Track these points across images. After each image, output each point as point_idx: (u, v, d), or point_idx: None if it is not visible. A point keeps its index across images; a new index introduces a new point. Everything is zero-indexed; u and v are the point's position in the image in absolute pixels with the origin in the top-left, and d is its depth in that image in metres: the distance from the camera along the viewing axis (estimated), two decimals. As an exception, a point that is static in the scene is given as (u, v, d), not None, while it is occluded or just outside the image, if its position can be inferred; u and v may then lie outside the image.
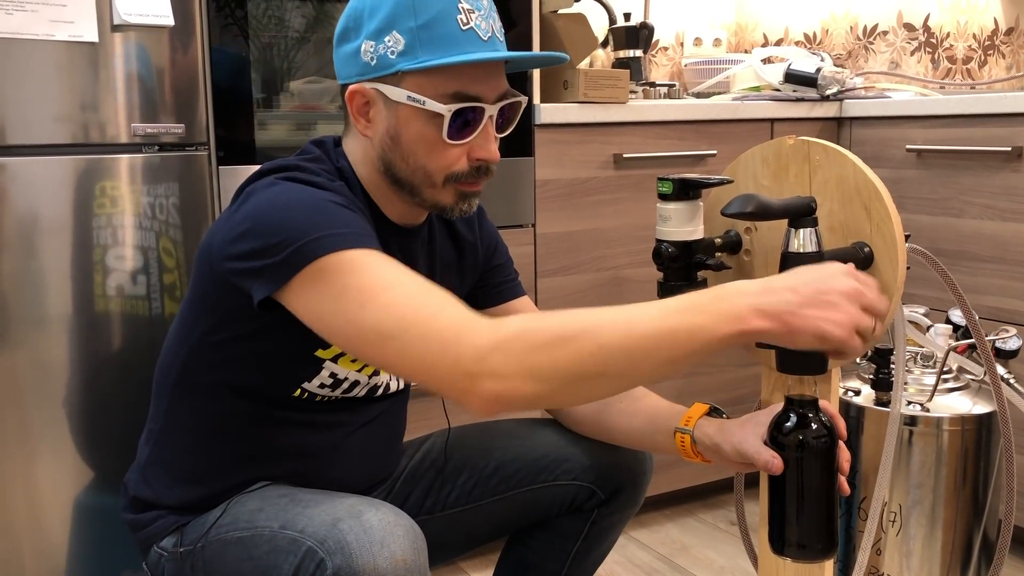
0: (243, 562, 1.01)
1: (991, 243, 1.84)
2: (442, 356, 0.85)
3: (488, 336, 0.85)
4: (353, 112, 1.05)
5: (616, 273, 1.96)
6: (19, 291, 1.39)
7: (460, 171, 1.04)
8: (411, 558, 0.92)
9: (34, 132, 1.38)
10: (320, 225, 0.92)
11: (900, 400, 1.28)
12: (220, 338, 1.06)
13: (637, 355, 0.85)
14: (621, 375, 0.87)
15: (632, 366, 0.86)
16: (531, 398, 0.85)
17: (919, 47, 2.44)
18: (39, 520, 1.45)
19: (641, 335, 0.85)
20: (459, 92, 1.00)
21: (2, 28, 1.33)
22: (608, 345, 0.85)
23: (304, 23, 1.58)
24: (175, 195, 1.49)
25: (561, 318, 0.87)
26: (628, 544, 2.02)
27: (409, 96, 1.00)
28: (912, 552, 1.47)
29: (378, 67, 1.01)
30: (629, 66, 2.26)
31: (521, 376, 0.84)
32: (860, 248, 1.07)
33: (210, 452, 1.10)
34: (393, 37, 1.00)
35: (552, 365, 0.84)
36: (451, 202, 1.06)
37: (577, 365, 0.85)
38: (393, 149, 1.04)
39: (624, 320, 0.86)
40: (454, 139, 1.02)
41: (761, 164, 1.15)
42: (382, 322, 0.87)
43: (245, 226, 0.95)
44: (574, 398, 0.91)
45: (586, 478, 1.24)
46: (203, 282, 1.06)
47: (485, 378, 0.84)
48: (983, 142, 1.84)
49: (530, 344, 0.85)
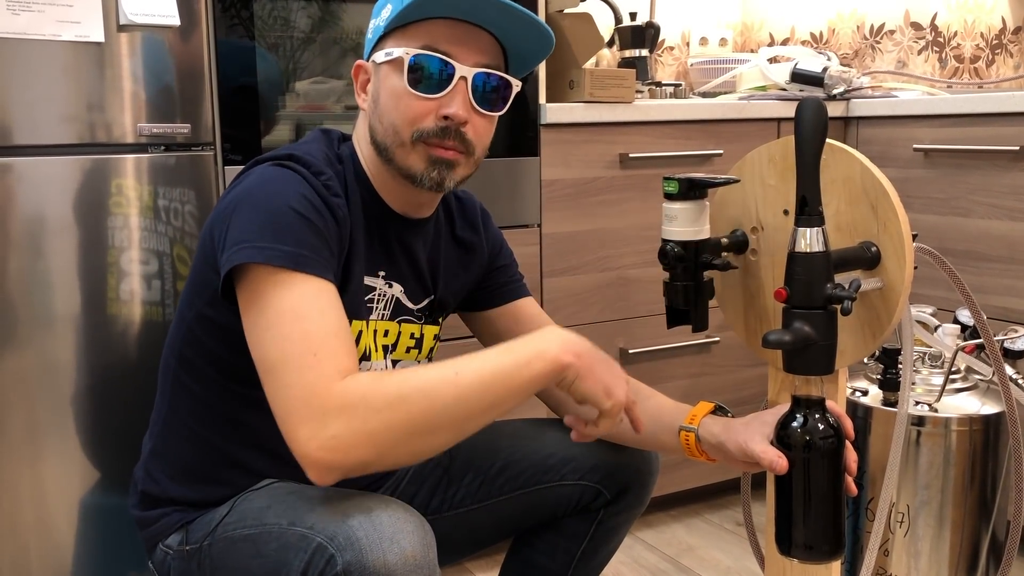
0: (251, 559, 1.00)
1: (999, 243, 1.84)
2: (294, 413, 0.89)
3: (335, 400, 0.88)
4: (357, 90, 1.11)
5: (622, 273, 1.95)
6: (26, 291, 1.39)
7: (427, 128, 1.04)
8: (421, 554, 0.92)
9: (40, 132, 1.38)
10: (278, 236, 0.96)
11: (908, 400, 1.28)
12: (209, 318, 1.07)
13: (467, 406, 0.91)
14: (454, 427, 0.91)
15: (464, 416, 0.91)
16: (368, 462, 0.89)
17: (926, 46, 2.43)
18: (46, 519, 1.45)
19: (468, 386, 0.90)
20: (428, 45, 1.03)
21: (9, 28, 1.33)
22: (441, 399, 0.90)
23: (310, 23, 1.58)
24: (181, 195, 1.49)
25: (399, 377, 0.91)
26: (634, 544, 2.02)
27: (385, 52, 1.05)
28: (920, 553, 1.47)
29: (373, 39, 1.08)
30: (635, 66, 2.25)
31: (361, 445, 0.88)
32: (867, 247, 1.06)
33: (209, 439, 1.10)
34: (387, 9, 1.06)
35: (389, 424, 0.88)
36: (421, 168, 1.06)
37: (413, 421, 0.89)
38: (374, 112, 1.08)
39: (452, 373, 0.91)
40: (415, 89, 1.03)
41: (768, 163, 1.15)
42: (269, 353, 0.92)
43: (231, 206, 1.00)
44: (407, 456, 0.92)
45: (592, 478, 1.24)
46: (198, 266, 1.09)
47: (323, 450, 0.87)
48: (990, 141, 1.83)
49: (371, 408, 0.88)
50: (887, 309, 1.06)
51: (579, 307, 1.91)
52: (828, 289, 0.98)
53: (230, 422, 1.10)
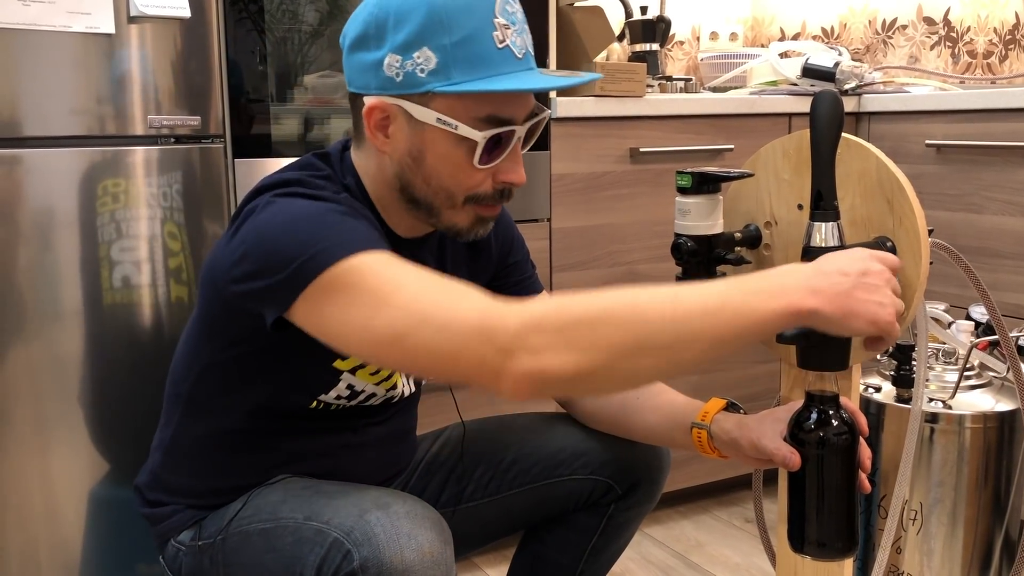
0: (265, 554, 1.00)
1: (1012, 239, 1.82)
2: (467, 340, 0.80)
3: (518, 314, 0.79)
4: (370, 127, 0.99)
5: (632, 268, 1.94)
6: (35, 284, 1.39)
7: (483, 193, 1.00)
8: (438, 550, 0.91)
9: (50, 124, 1.38)
10: (322, 236, 0.88)
11: (921, 397, 1.27)
12: (231, 358, 1.04)
13: (683, 331, 0.80)
14: (667, 353, 0.80)
15: (678, 342, 0.80)
16: (571, 375, 0.78)
17: (939, 41, 2.41)
18: (54, 512, 1.45)
19: (687, 311, 0.80)
20: (492, 116, 0.96)
21: (19, 19, 1.32)
22: (652, 319, 0.79)
23: (318, 17, 1.57)
24: (191, 187, 1.49)
25: (600, 294, 0.81)
26: (643, 541, 2.01)
27: (439, 119, 0.95)
28: (933, 551, 1.46)
29: (405, 84, 0.95)
30: (645, 60, 2.25)
31: (558, 349, 0.78)
32: (882, 242, 1.05)
33: (222, 462, 1.10)
34: (424, 54, 0.94)
35: (592, 338, 0.78)
36: (467, 225, 1.02)
37: (620, 339, 0.78)
38: (414, 170, 0.99)
39: (670, 295, 0.81)
40: (484, 164, 0.98)
41: (782, 157, 1.14)
42: (396, 321, 0.83)
43: (245, 247, 0.92)
44: (615, 378, 0.82)
45: (603, 473, 1.23)
46: (209, 305, 1.04)
47: (520, 354, 0.78)
48: (1004, 137, 1.82)
49: (568, 318, 0.79)
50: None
51: (588, 302, 1.90)
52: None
53: (248, 447, 1.09)
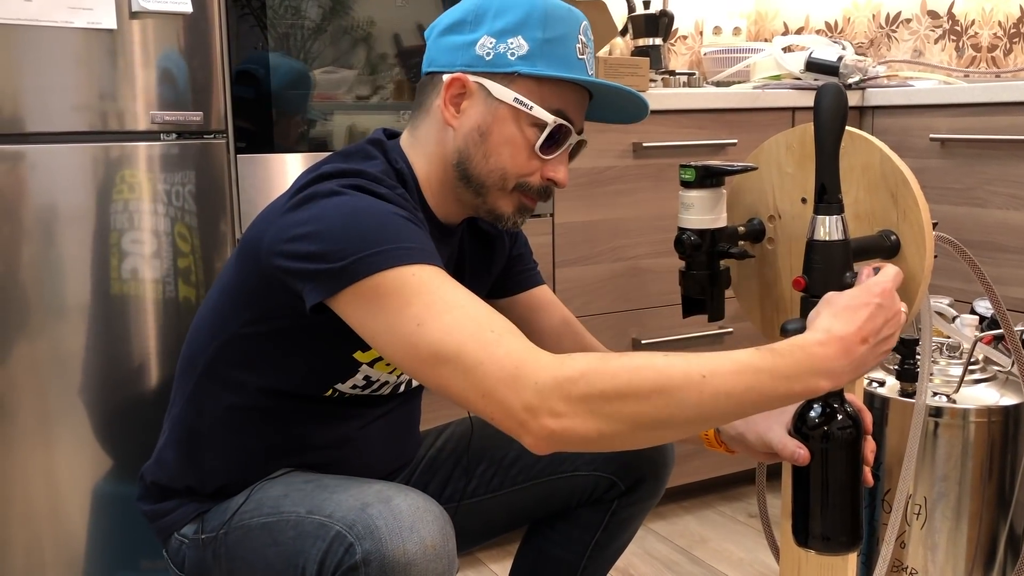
0: (268, 547, 1.00)
1: (1017, 233, 1.82)
2: (498, 385, 0.83)
3: (551, 372, 0.82)
4: (445, 99, 1.03)
5: (634, 263, 1.94)
6: (38, 279, 1.39)
7: (532, 184, 1.05)
8: (440, 544, 0.91)
9: (53, 120, 1.38)
10: (386, 238, 0.90)
11: (926, 391, 1.26)
12: (257, 333, 1.04)
13: (707, 411, 0.84)
14: (687, 427, 0.86)
15: (700, 419, 0.85)
16: (593, 440, 0.83)
17: (943, 35, 2.41)
18: (58, 508, 1.45)
19: (714, 393, 0.83)
20: (561, 111, 1.03)
21: (21, 15, 1.32)
22: (679, 400, 0.83)
23: (320, 13, 1.57)
24: (193, 183, 1.48)
25: (631, 366, 0.84)
26: (646, 536, 2.01)
27: (516, 98, 1.01)
28: (937, 545, 1.45)
29: (493, 63, 1.02)
30: (648, 54, 2.24)
31: (583, 416, 0.82)
32: (887, 236, 1.05)
33: (227, 441, 1.09)
34: (517, 41, 1.02)
35: (618, 411, 0.82)
36: (510, 211, 1.07)
37: (645, 414, 0.83)
38: (478, 144, 1.03)
39: (698, 374, 0.84)
40: (544, 152, 1.04)
41: (786, 151, 1.14)
42: (441, 343, 0.85)
43: (308, 228, 0.93)
44: (635, 443, 0.86)
45: (607, 468, 1.23)
46: (246, 274, 1.04)
47: (543, 415, 0.81)
48: (1008, 131, 1.81)
49: (597, 387, 0.82)
50: (906, 299, 1.04)
51: (591, 297, 1.90)
52: (847, 278, 0.97)
53: (256, 428, 1.09)
